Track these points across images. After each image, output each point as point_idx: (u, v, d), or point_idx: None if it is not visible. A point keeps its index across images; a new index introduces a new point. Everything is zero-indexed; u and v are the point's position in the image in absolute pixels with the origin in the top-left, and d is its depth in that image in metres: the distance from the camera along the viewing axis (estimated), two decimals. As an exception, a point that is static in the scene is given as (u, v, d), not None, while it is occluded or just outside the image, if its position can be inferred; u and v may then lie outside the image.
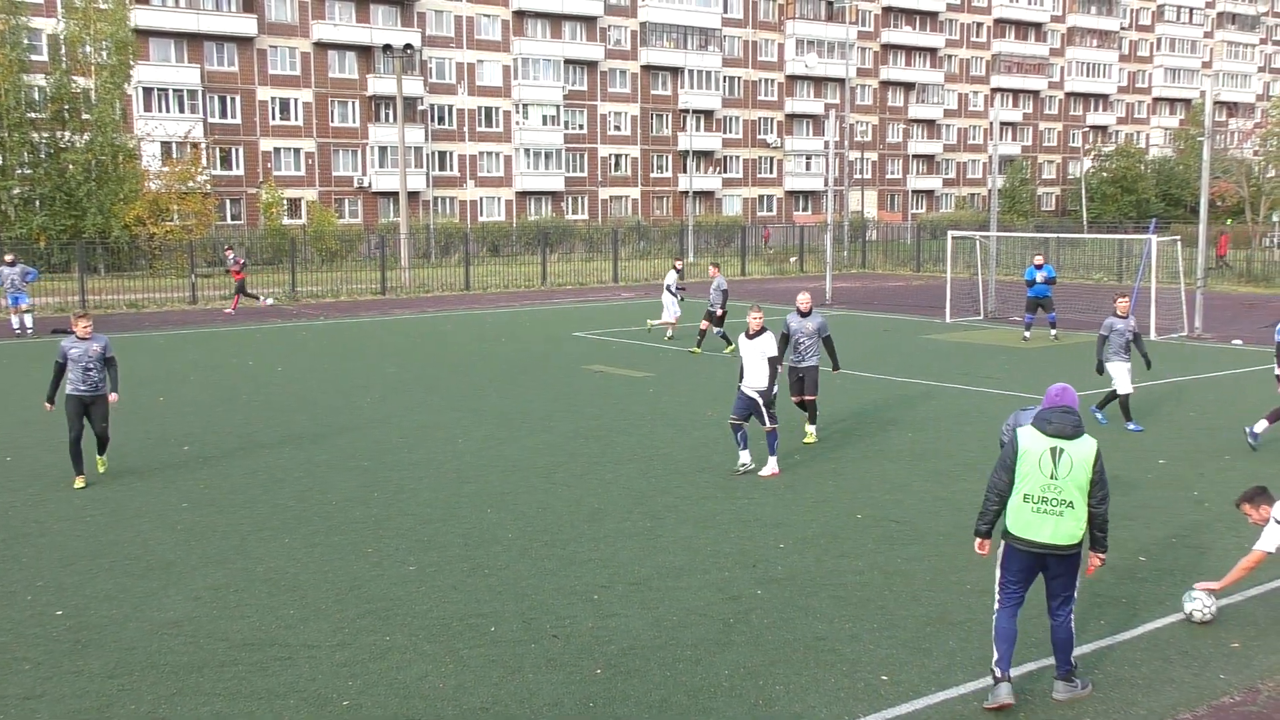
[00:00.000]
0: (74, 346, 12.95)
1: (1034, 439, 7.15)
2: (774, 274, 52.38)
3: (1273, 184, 67.96)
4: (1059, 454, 7.05)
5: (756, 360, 13.09)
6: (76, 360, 12.92)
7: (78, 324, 13.15)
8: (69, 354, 12.94)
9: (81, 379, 12.89)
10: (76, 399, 12.91)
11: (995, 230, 34.71)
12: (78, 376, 12.89)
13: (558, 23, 74.17)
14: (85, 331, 13.02)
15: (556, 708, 7.13)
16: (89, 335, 13.04)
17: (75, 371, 12.91)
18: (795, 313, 14.99)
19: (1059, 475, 7.04)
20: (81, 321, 13.13)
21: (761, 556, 10.09)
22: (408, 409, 17.63)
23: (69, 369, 12.93)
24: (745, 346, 13.25)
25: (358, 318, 33.26)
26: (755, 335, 13.20)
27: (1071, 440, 7.06)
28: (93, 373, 12.94)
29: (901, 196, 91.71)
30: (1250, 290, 39.82)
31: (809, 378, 14.78)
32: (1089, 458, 7.03)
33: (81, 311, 13.47)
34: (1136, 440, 14.90)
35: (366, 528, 11.07)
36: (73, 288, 37.98)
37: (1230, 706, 7.09)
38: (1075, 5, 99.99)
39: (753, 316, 13.32)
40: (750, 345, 13.19)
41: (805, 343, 14.80)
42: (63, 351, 12.98)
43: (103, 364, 13.04)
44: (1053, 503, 7.06)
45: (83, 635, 8.42)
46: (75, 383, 12.90)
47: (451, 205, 71.43)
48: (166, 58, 61.97)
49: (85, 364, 12.91)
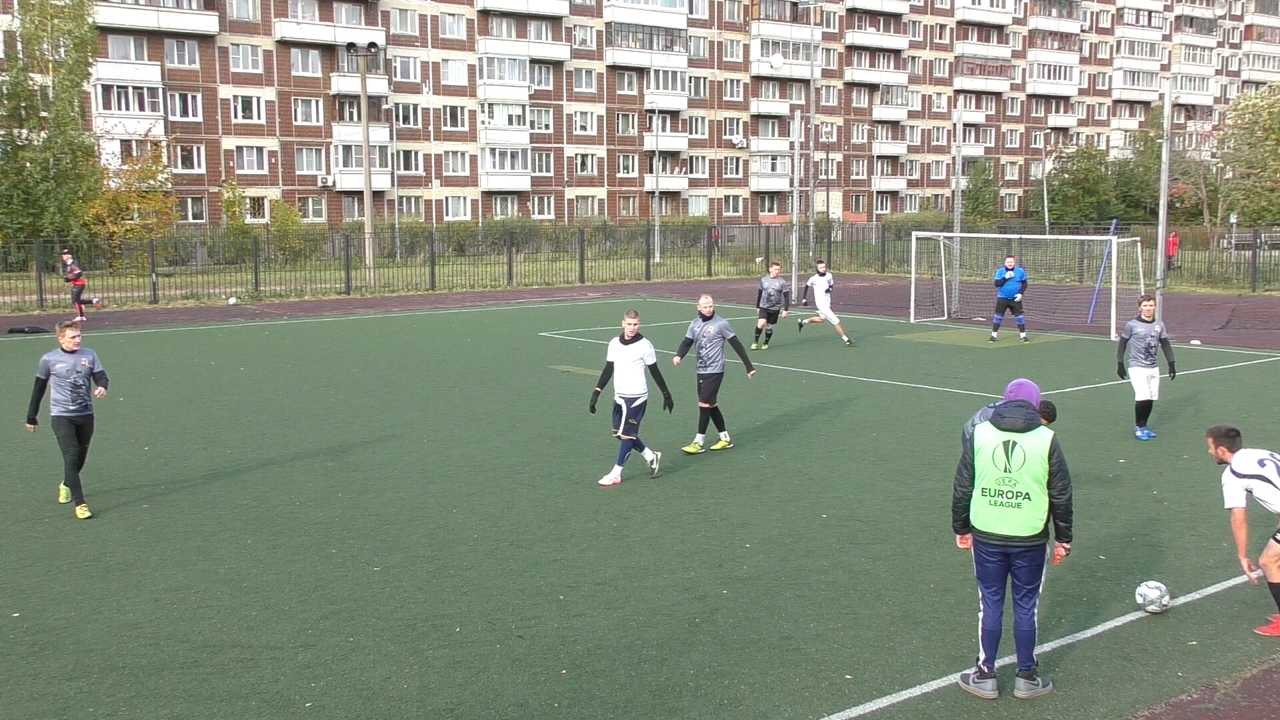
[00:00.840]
0: (60, 361, 11.43)
1: (988, 434, 7.27)
2: (739, 274, 52.51)
3: (1230, 186, 68.89)
4: (1011, 447, 7.16)
5: (629, 367, 12.53)
6: (63, 376, 11.40)
7: (64, 334, 11.59)
8: (53, 369, 11.41)
9: (70, 398, 11.41)
10: (66, 421, 11.42)
11: (959, 231, 34.97)
12: (65, 395, 11.39)
13: (523, 22, 74.01)
14: (73, 344, 11.52)
15: (522, 708, 7.11)
16: (77, 347, 11.55)
17: (62, 390, 11.38)
18: (698, 317, 14.55)
19: (1012, 468, 7.15)
20: (69, 332, 11.58)
21: (727, 556, 10.11)
22: (372, 409, 17.53)
23: (53, 386, 11.41)
24: (619, 353, 12.65)
25: (322, 318, 33.04)
26: (631, 341, 12.61)
27: (1024, 433, 7.16)
28: (82, 390, 11.51)
29: (866, 197, 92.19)
30: (1208, 292, 40.32)
31: (708, 385, 14.29)
32: (1042, 449, 7.12)
33: (69, 321, 11.82)
34: (1097, 440, 15.04)
35: (330, 529, 11.00)
36: (31, 287, 37.49)
37: (1188, 704, 7.17)
38: (1036, 8, 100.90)
39: (628, 322, 12.62)
40: (624, 351, 12.60)
41: (707, 348, 14.33)
42: (45, 366, 11.46)
43: (91, 380, 11.66)
44: (1008, 495, 7.16)
45: (40, 637, 8.31)
46: (63, 402, 11.39)
47: (417, 205, 71.12)
48: (126, 55, 61.33)
49: (74, 380, 11.42)
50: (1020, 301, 25.82)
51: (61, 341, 11.55)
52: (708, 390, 14.33)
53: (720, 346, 14.41)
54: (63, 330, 11.59)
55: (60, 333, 11.57)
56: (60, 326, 11.64)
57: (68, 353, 11.51)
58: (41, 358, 11.62)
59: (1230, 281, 42.60)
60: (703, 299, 14.60)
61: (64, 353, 11.52)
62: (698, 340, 14.45)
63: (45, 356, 11.58)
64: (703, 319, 14.45)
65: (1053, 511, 7.21)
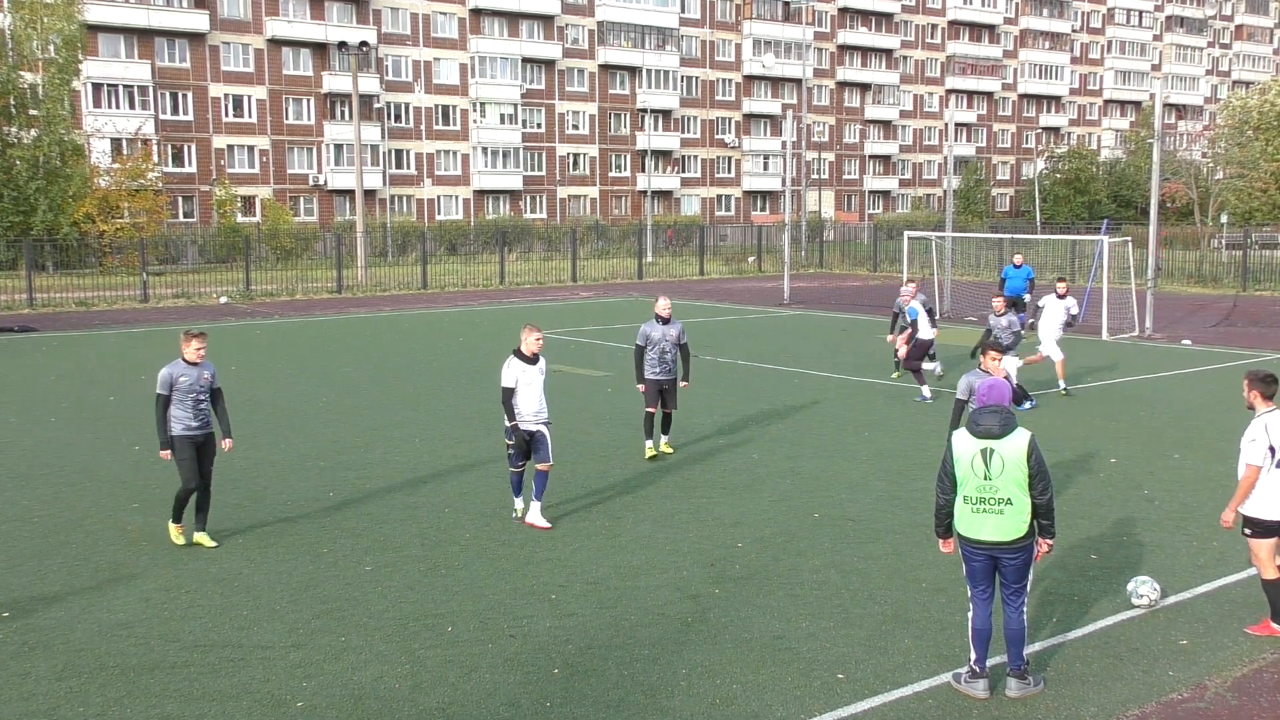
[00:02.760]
0: (184, 374, 10.36)
1: (965, 442, 7.25)
2: (732, 274, 52.53)
3: (1221, 186, 69.05)
4: (989, 455, 7.13)
5: (538, 388, 11.07)
6: (186, 391, 10.35)
7: (188, 344, 10.44)
8: (178, 383, 10.33)
9: (193, 414, 10.37)
10: (188, 441, 10.37)
11: (951, 231, 35.02)
12: (187, 412, 10.35)
13: (515, 21, 73.94)
14: (198, 355, 10.45)
15: (513, 708, 7.10)
16: (201, 359, 10.53)
17: (184, 406, 10.34)
18: (654, 320, 13.83)
19: (992, 475, 7.13)
20: (194, 342, 10.45)
21: (719, 555, 10.11)
22: (363, 408, 17.50)
23: (175, 402, 10.35)
24: (525, 373, 10.97)
25: (313, 316, 32.98)
26: (536, 358, 11.06)
27: (1000, 439, 7.13)
28: (204, 406, 10.48)
29: (858, 197, 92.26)
30: (1199, 291, 40.43)
31: (673, 390, 13.93)
32: (1021, 453, 7.10)
33: (197, 330, 10.73)
34: (1089, 440, 15.07)
35: (322, 528, 10.98)
36: (20, 286, 37.37)
37: (1178, 703, 7.19)
38: (1027, 8, 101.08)
39: (534, 337, 11.05)
40: (532, 370, 11.00)
41: (671, 353, 13.81)
42: (168, 380, 10.32)
43: (210, 396, 10.64)
44: (990, 502, 7.15)
45: (30, 637, 8.28)
46: (184, 419, 10.34)
47: (408, 204, 71.01)
48: (116, 53, 61.14)
49: (197, 395, 10.41)
50: (1026, 300, 25.04)
51: (185, 352, 10.41)
52: (674, 395, 13.99)
53: (677, 351, 13.94)
54: (187, 340, 10.43)
55: (185, 342, 10.41)
56: (185, 335, 10.47)
57: (190, 365, 10.41)
58: (162, 371, 10.36)
59: (1221, 281, 42.70)
60: (661, 300, 13.96)
61: (186, 365, 10.39)
62: (659, 345, 13.79)
63: (167, 370, 10.34)
64: (661, 322, 13.82)
65: (1035, 511, 7.19)
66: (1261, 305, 34.89)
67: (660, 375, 13.86)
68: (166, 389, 10.28)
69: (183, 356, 10.41)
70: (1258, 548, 8.22)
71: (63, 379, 20.68)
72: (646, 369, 13.86)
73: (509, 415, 10.97)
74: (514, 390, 10.94)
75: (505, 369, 11.01)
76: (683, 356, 14.02)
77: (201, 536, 10.53)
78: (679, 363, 14.00)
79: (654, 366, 13.84)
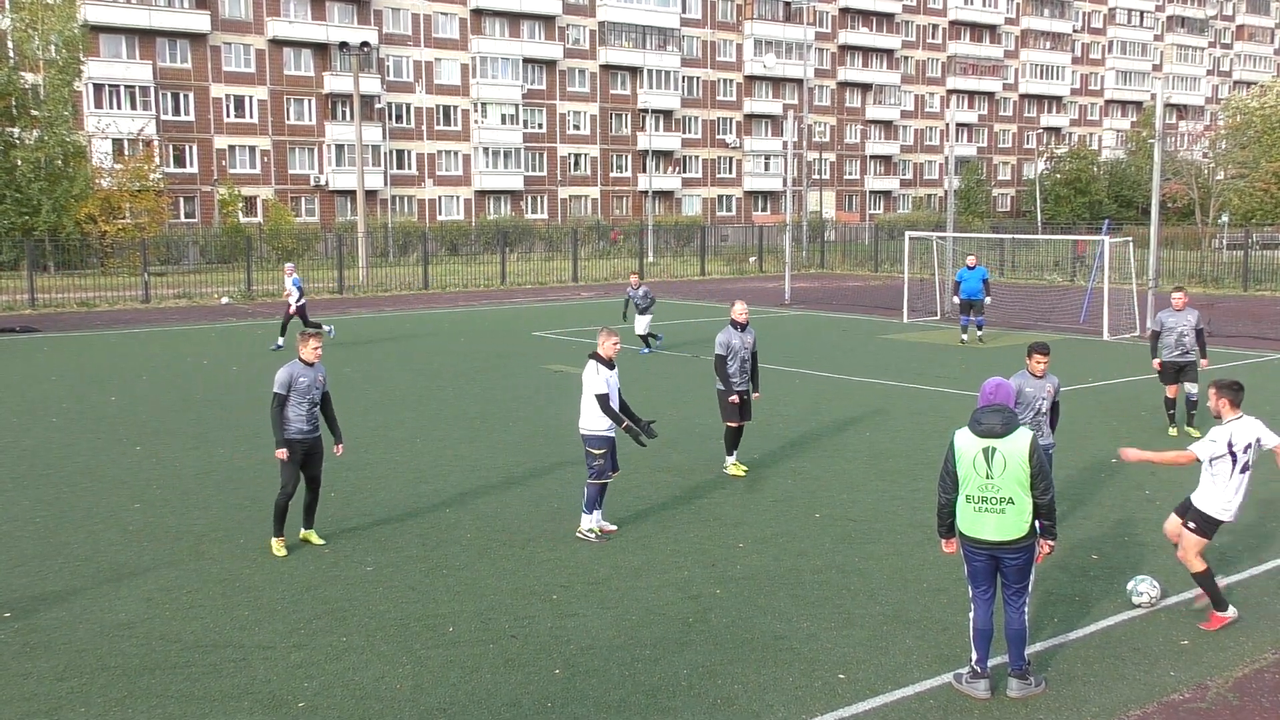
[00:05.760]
0: (302, 375, 10.20)
1: (967, 441, 7.26)
2: (733, 274, 52.53)
3: (1222, 186, 69.06)
4: (991, 454, 7.14)
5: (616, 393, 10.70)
6: (303, 393, 10.19)
7: (305, 345, 10.30)
8: (296, 384, 10.16)
9: (306, 417, 10.25)
10: (298, 444, 10.25)
11: (952, 231, 35.02)
12: (301, 414, 10.20)
13: (516, 21, 73.96)
14: (314, 355, 10.31)
15: (515, 708, 7.11)
16: (318, 359, 10.42)
17: (299, 408, 10.18)
18: (731, 326, 12.86)
19: (994, 474, 7.14)
20: (311, 342, 10.30)
21: (720, 556, 10.11)
22: (364, 409, 17.50)
23: (290, 403, 10.19)
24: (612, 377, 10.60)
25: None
26: (613, 363, 10.72)
27: (1002, 438, 7.14)
28: (316, 410, 10.40)
29: (859, 197, 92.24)
30: (1200, 291, 40.40)
31: (749, 402, 13.00)
32: (1023, 453, 7.11)
33: (313, 330, 10.25)
34: (1089, 440, 15.06)
35: (323, 528, 10.96)
36: (21, 286, 37.39)
37: (1180, 703, 7.19)
38: (1029, 8, 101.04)
39: (611, 341, 10.62)
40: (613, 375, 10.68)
41: (749, 361, 12.86)
42: (287, 380, 10.15)
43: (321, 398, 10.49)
44: (992, 501, 7.16)
45: (32, 638, 8.28)
46: (297, 421, 10.19)
47: (410, 204, 71.03)
48: (118, 54, 61.17)
49: (311, 397, 10.28)
50: (983, 302, 25.05)
51: (303, 353, 10.28)
52: (750, 406, 13.06)
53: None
54: (305, 340, 10.34)
55: (302, 343, 10.32)
56: (302, 336, 10.41)
57: (307, 365, 10.27)
58: (280, 371, 10.24)
59: (1222, 281, 42.68)
60: (738, 305, 12.99)
61: (304, 365, 10.25)
62: (739, 354, 12.74)
63: (285, 370, 10.21)
64: (739, 328, 12.78)
65: (1036, 511, 7.20)
66: (1262, 305, 34.86)
67: (742, 386, 12.81)
68: (285, 389, 10.13)
69: (300, 357, 10.28)
70: (1193, 543, 8.42)
71: (64, 379, 20.68)
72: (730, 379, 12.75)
73: (617, 419, 10.46)
74: (608, 395, 10.45)
75: (592, 375, 10.50)
76: (754, 364, 13.02)
77: (309, 534, 10.56)
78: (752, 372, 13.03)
79: (734, 377, 12.75)
